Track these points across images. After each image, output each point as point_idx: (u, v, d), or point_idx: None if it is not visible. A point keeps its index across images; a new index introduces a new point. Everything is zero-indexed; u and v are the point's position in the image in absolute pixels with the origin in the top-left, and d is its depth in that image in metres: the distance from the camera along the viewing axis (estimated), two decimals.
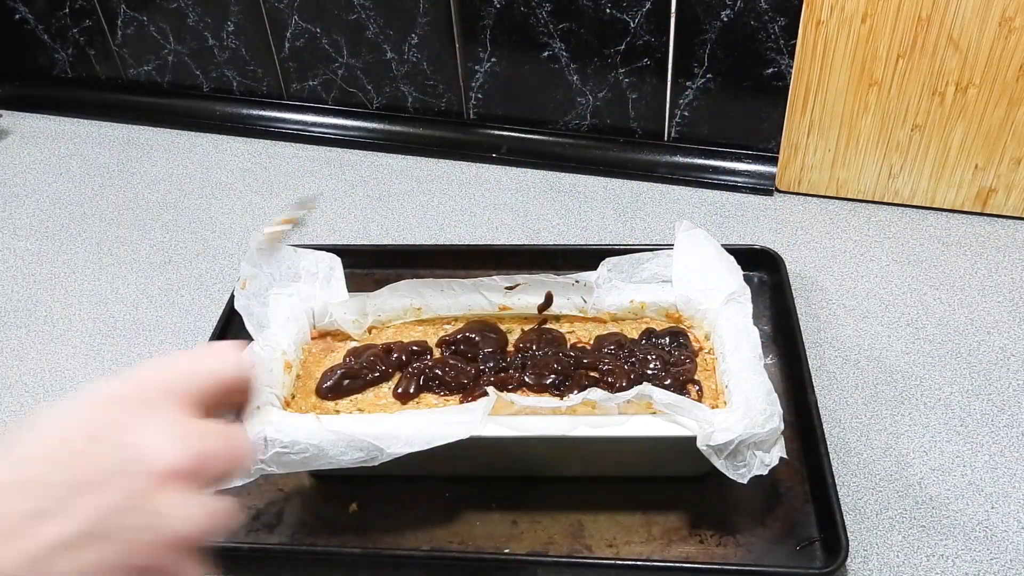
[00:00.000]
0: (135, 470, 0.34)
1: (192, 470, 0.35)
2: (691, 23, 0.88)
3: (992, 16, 0.77)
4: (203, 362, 0.38)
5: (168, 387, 0.37)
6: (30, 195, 1.01)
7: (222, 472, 0.37)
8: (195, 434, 0.36)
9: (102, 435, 0.34)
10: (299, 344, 0.70)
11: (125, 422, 0.35)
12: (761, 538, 0.62)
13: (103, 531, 0.33)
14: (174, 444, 0.35)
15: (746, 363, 0.62)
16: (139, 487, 0.34)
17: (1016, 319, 0.78)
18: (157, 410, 0.36)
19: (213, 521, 0.36)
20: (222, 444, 0.37)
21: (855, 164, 0.89)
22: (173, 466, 0.34)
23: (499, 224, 0.93)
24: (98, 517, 0.33)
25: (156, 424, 0.35)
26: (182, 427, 0.36)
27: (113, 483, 0.33)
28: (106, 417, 0.35)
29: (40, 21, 1.10)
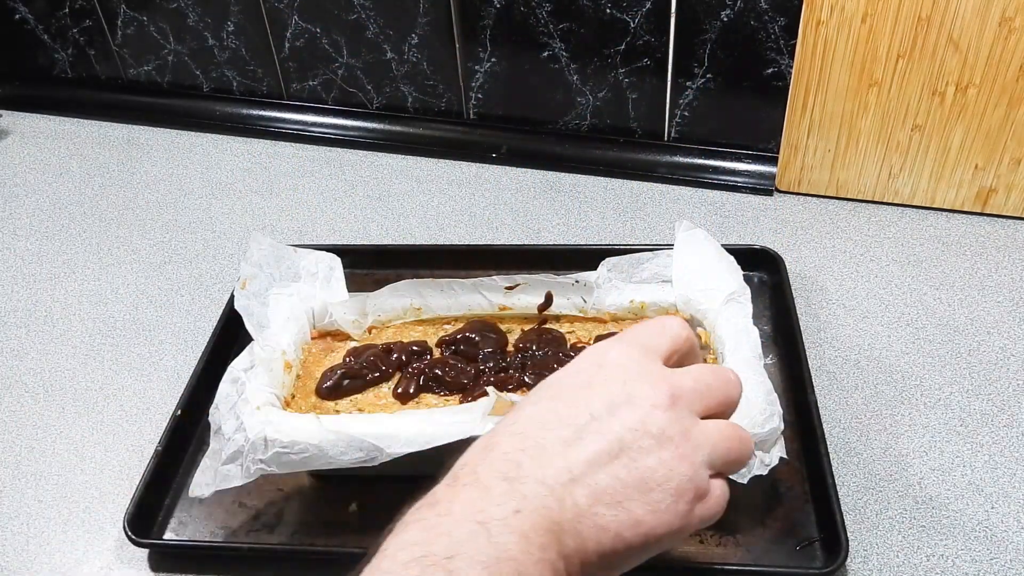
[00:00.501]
0: (635, 400, 0.43)
1: (678, 396, 0.43)
2: (691, 23, 0.88)
3: (992, 16, 0.77)
4: (662, 324, 0.48)
5: (641, 341, 0.46)
6: (30, 195, 1.01)
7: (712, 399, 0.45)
8: (672, 375, 0.45)
9: (602, 375, 0.44)
10: (299, 344, 0.70)
11: (619, 364, 0.44)
12: (761, 538, 0.62)
13: (622, 446, 0.41)
14: (658, 378, 0.44)
15: (746, 363, 0.62)
16: (641, 411, 0.42)
17: (1016, 319, 0.78)
18: (641, 359, 0.45)
19: (719, 437, 0.44)
20: (697, 378, 0.45)
21: (855, 164, 0.89)
22: (661, 395, 0.43)
23: (499, 224, 0.93)
24: (617, 437, 0.41)
25: (643, 368, 0.44)
26: (662, 372, 0.45)
27: (623, 412, 0.42)
28: (602, 361, 0.45)
29: (40, 21, 1.10)
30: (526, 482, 0.39)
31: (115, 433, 0.73)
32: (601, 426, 0.42)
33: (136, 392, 0.76)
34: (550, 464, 0.40)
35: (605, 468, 0.41)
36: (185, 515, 0.65)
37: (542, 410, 0.43)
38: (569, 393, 0.44)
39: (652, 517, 0.41)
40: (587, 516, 0.40)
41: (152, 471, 0.65)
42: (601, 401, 0.43)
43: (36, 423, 0.74)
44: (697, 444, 0.43)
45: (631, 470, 0.41)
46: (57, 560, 0.64)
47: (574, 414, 0.42)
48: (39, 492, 0.69)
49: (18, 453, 0.72)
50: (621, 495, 0.40)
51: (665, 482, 0.41)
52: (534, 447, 0.41)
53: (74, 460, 0.71)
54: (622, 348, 0.46)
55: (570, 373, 0.45)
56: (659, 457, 0.41)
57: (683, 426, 0.43)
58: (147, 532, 0.63)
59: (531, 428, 0.42)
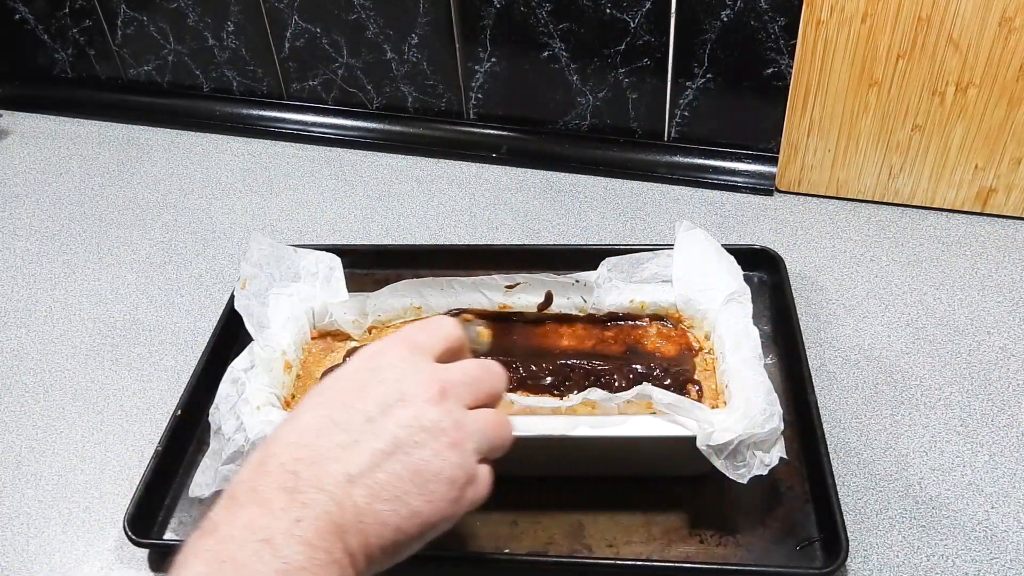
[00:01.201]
0: (407, 397, 0.45)
1: (448, 390, 0.46)
2: (691, 23, 0.88)
3: (992, 16, 0.77)
4: (433, 324, 0.50)
5: (413, 341, 0.48)
6: (30, 195, 1.01)
7: (479, 390, 0.48)
8: (442, 370, 0.47)
9: (375, 376, 0.46)
10: (299, 344, 0.70)
11: (391, 365, 0.46)
12: (761, 538, 0.62)
13: (397, 443, 0.43)
14: (429, 375, 0.46)
15: (746, 363, 0.62)
16: (414, 408, 0.44)
17: (1016, 319, 0.78)
18: (412, 358, 0.47)
19: (485, 424, 0.47)
20: (465, 371, 0.48)
21: (855, 164, 0.89)
22: (432, 391, 0.45)
23: (499, 224, 0.93)
24: (392, 435, 0.43)
25: (414, 366, 0.47)
26: (431, 368, 0.47)
27: (396, 410, 0.44)
28: (375, 363, 0.47)
29: (40, 21, 1.10)
30: (305, 491, 0.41)
31: (115, 433, 0.73)
32: (375, 427, 0.44)
33: (136, 392, 0.76)
34: (327, 469, 0.42)
35: (382, 466, 0.43)
36: (185, 515, 0.65)
37: (317, 417, 0.44)
38: (343, 398, 0.45)
39: (429, 507, 0.44)
40: (368, 514, 0.42)
41: (152, 471, 0.65)
42: (375, 402, 0.44)
43: (36, 423, 0.74)
44: (467, 432, 0.46)
45: (406, 464, 0.43)
46: (57, 560, 0.64)
47: (349, 418, 0.44)
48: (39, 492, 0.69)
49: (18, 453, 0.72)
50: (399, 489, 0.43)
51: (439, 472, 0.44)
52: (311, 456, 0.42)
53: (74, 460, 0.71)
54: (394, 348, 0.48)
55: (343, 377, 0.47)
56: (432, 448, 0.44)
57: (453, 417, 0.46)
58: (147, 532, 0.63)
59: (307, 437, 0.43)
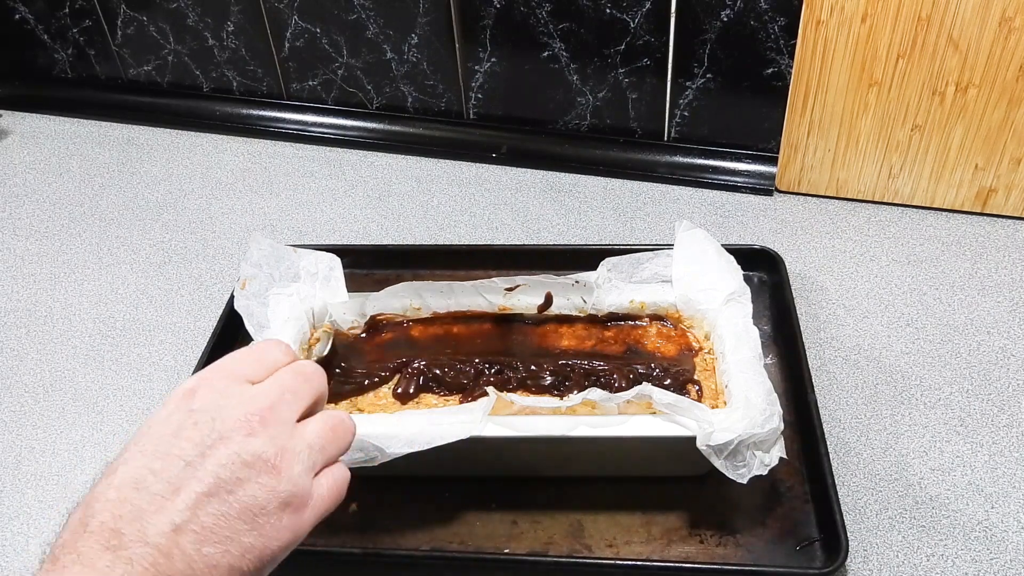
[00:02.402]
0: (226, 434, 0.43)
1: (268, 415, 0.44)
2: (691, 23, 0.88)
3: (992, 16, 0.77)
4: (256, 351, 0.49)
5: (229, 371, 0.47)
6: (30, 195, 1.01)
7: (301, 400, 0.47)
8: (257, 392, 0.46)
9: (191, 418, 0.44)
10: (299, 344, 0.70)
11: (205, 405, 0.44)
12: (761, 538, 0.62)
13: (219, 483, 0.42)
14: (246, 406, 0.45)
15: (746, 363, 0.62)
16: (234, 444, 0.43)
17: (1016, 319, 0.78)
18: (226, 390, 0.45)
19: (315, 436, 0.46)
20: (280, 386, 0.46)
21: (855, 164, 0.89)
22: (251, 421, 0.44)
23: (499, 224, 0.93)
24: (213, 476, 0.42)
25: (229, 399, 0.45)
26: (246, 397, 0.45)
27: (216, 450, 0.43)
28: (189, 404, 0.45)
29: (40, 21, 1.10)
30: (130, 546, 0.39)
31: (115, 433, 0.73)
32: (195, 471, 0.42)
33: (136, 392, 0.76)
34: (151, 522, 0.40)
35: (207, 508, 0.41)
36: None
37: (135, 469, 0.42)
38: (161, 446, 0.43)
39: (262, 540, 0.42)
40: (197, 560, 0.40)
41: None
42: (192, 444, 0.43)
43: (36, 423, 0.74)
44: (294, 455, 0.44)
45: (231, 504, 0.42)
46: None
47: (167, 466, 0.42)
48: (39, 492, 0.69)
49: (18, 453, 0.72)
50: (228, 530, 0.41)
51: (267, 504, 0.42)
52: (131, 511, 0.41)
53: (74, 460, 0.71)
54: (208, 384, 0.46)
55: (159, 422, 0.45)
56: (257, 483, 0.42)
57: (279, 443, 0.44)
58: None
59: (126, 491, 0.42)
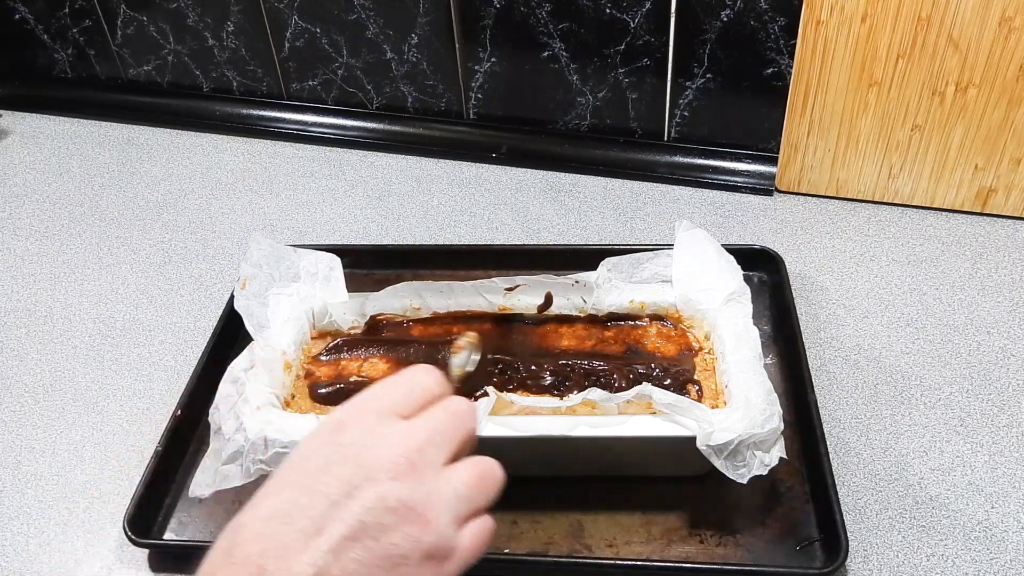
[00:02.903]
0: (373, 475, 0.42)
1: (416, 459, 0.43)
2: (691, 23, 0.88)
3: (992, 16, 0.77)
4: (408, 383, 0.47)
5: (380, 406, 0.45)
6: (30, 195, 1.01)
7: (452, 442, 0.44)
8: (407, 431, 0.44)
9: (339, 454, 0.43)
10: (299, 344, 0.70)
11: (355, 440, 0.43)
12: (761, 538, 0.62)
13: (363, 527, 0.41)
14: (395, 446, 0.43)
15: (746, 363, 0.62)
16: (381, 487, 0.41)
17: (1016, 319, 0.78)
18: (377, 427, 0.44)
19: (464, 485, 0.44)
20: (434, 428, 0.44)
21: (855, 164, 0.89)
22: (399, 464, 0.42)
23: (499, 224, 0.93)
24: (358, 520, 0.41)
25: (380, 438, 0.43)
26: (398, 438, 0.44)
27: (362, 492, 0.41)
28: (339, 439, 0.44)
29: (40, 21, 1.10)
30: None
31: (115, 433, 0.73)
32: (340, 512, 0.41)
33: (136, 392, 0.76)
34: (294, 561, 0.40)
35: (348, 553, 0.40)
36: (185, 515, 0.65)
37: (283, 501, 0.42)
38: (307, 480, 0.43)
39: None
40: None
41: (152, 471, 0.65)
42: (339, 483, 0.42)
43: (36, 423, 0.74)
44: (442, 504, 0.43)
45: (374, 551, 0.41)
46: (57, 560, 0.64)
47: (313, 503, 0.42)
48: (39, 492, 0.69)
49: (18, 453, 0.72)
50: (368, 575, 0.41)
51: (408, 554, 0.41)
52: (276, 547, 0.41)
53: (74, 460, 0.71)
54: (359, 418, 0.45)
55: (308, 455, 0.44)
56: (402, 532, 0.41)
57: (425, 491, 0.43)
58: (147, 532, 0.64)
59: (273, 525, 0.42)
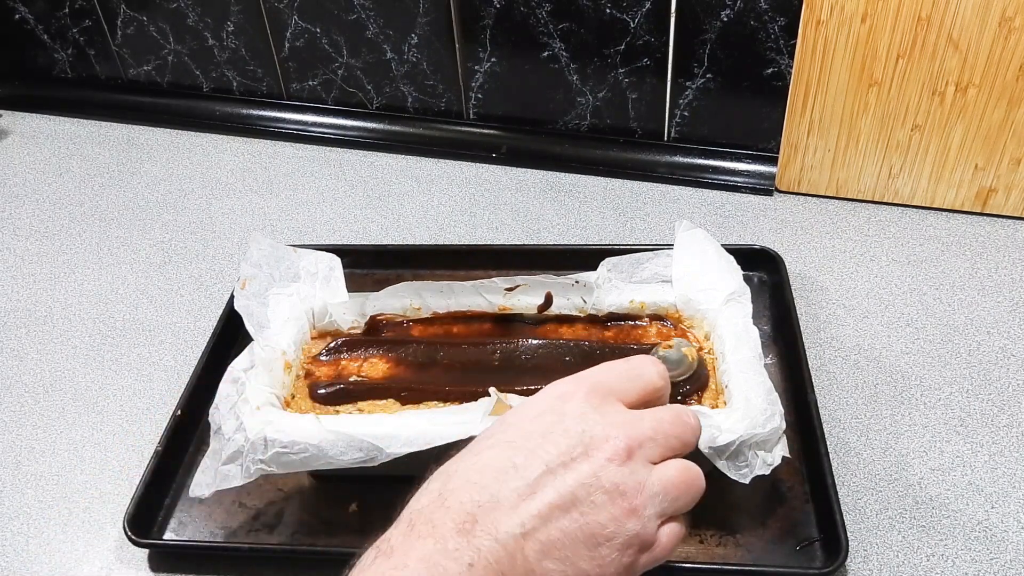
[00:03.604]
0: (591, 452, 0.43)
1: (635, 449, 0.43)
2: (691, 23, 0.88)
3: (992, 16, 0.77)
4: (634, 369, 0.47)
5: (606, 386, 0.46)
6: (30, 195, 1.01)
7: (670, 446, 0.45)
8: (631, 425, 0.44)
9: (561, 424, 0.44)
10: (299, 344, 0.70)
11: (579, 413, 0.44)
12: (761, 538, 0.62)
13: (574, 500, 0.41)
14: (618, 430, 0.44)
15: (746, 363, 0.62)
16: (596, 465, 0.42)
17: (1016, 319, 0.78)
18: (602, 407, 0.45)
19: (672, 485, 0.44)
20: (657, 425, 0.45)
21: (855, 164, 0.89)
22: (618, 448, 0.43)
23: (499, 224, 0.93)
24: (570, 491, 0.41)
25: (604, 417, 0.44)
26: (621, 422, 0.44)
27: (578, 464, 0.42)
28: (563, 408, 0.44)
29: (40, 21, 1.10)
30: (480, 536, 0.40)
31: (115, 433, 0.73)
32: (555, 479, 0.42)
33: (136, 392, 0.76)
34: (504, 518, 0.41)
35: (556, 522, 0.41)
36: (185, 515, 0.65)
37: (498, 457, 0.43)
38: (526, 441, 0.44)
39: (597, 571, 0.42)
40: (536, 570, 0.41)
41: (152, 471, 0.65)
42: (557, 451, 0.43)
43: (36, 423, 0.74)
44: (650, 495, 0.43)
45: (581, 525, 0.41)
46: (57, 560, 0.64)
47: (529, 464, 0.42)
48: (39, 492, 0.69)
49: (18, 453, 0.72)
50: (570, 550, 0.41)
51: (613, 537, 0.42)
52: (489, 500, 0.42)
53: (74, 460, 0.71)
54: (584, 393, 0.45)
55: (529, 417, 0.45)
56: (610, 513, 0.42)
57: (637, 479, 0.43)
58: (147, 532, 0.63)
59: (487, 478, 0.43)
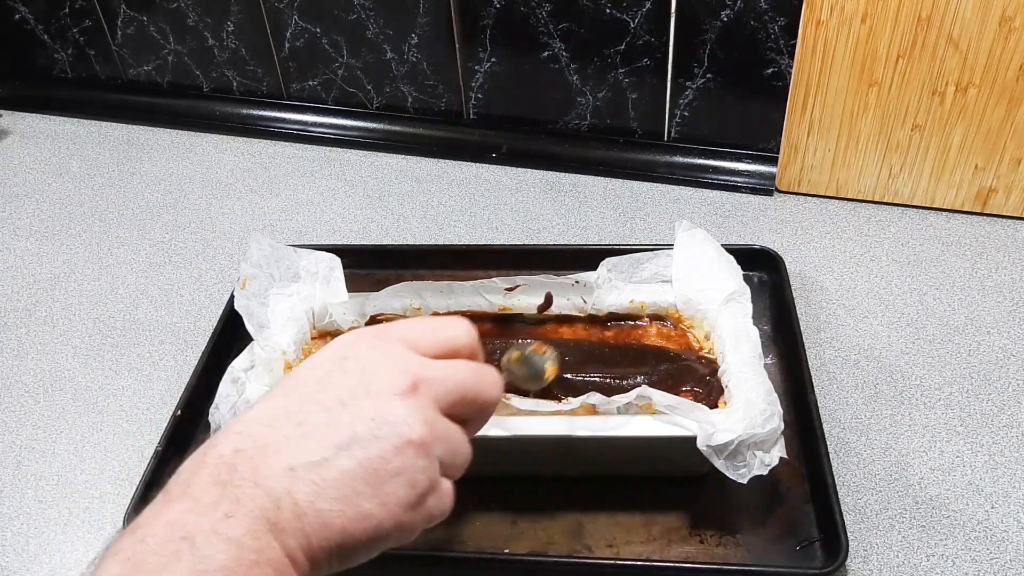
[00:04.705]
0: (373, 389, 0.41)
1: (423, 387, 0.41)
2: (691, 23, 0.88)
3: (992, 16, 0.77)
4: (434, 322, 0.46)
5: (397, 334, 0.44)
6: (30, 195, 1.01)
7: (462, 396, 0.43)
8: (418, 364, 0.42)
9: (340, 367, 0.42)
10: (299, 344, 0.70)
11: (361, 355, 0.42)
12: (761, 538, 0.62)
13: (354, 436, 0.39)
14: (403, 366, 0.42)
15: (746, 363, 0.62)
16: (380, 400, 0.40)
17: (1016, 319, 0.78)
18: (387, 348, 0.43)
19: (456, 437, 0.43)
20: (450, 371, 0.43)
21: (855, 164, 0.89)
22: (403, 383, 0.41)
23: (499, 224, 0.93)
24: (349, 429, 0.39)
25: (387, 358, 0.42)
26: (407, 360, 0.42)
27: (358, 403, 0.40)
28: (344, 353, 0.43)
29: (40, 21, 1.10)
30: (241, 484, 0.37)
31: (115, 433, 0.73)
32: (331, 418, 0.40)
33: (136, 392, 0.76)
34: (268, 463, 0.38)
35: (331, 461, 0.38)
36: None
37: (270, 407, 0.41)
38: (302, 389, 0.41)
39: (382, 511, 0.39)
40: (309, 514, 0.38)
41: (152, 471, 0.65)
42: (336, 392, 0.40)
43: (36, 423, 0.74)
44: (436, 436, 0.41)
45: (361, 461, 0.39)
46: (57, 560, 0.64)
47: (303, 409, 0.40)
48: (39, 492, 0.69)
49: (18, 453, 0.72)
50: (348, 488, 0.38)
51: (398, 472, 0.39)
52: (253, 447, 0.39)
53: (74, 460, 0.71)
54: (370, 339, 0.43)
55: (308, 367, 0.43)
56: (394, 446, 0.39)
57: (423, 416, 0.41)
58: None
59: (254, 427, 0.40)
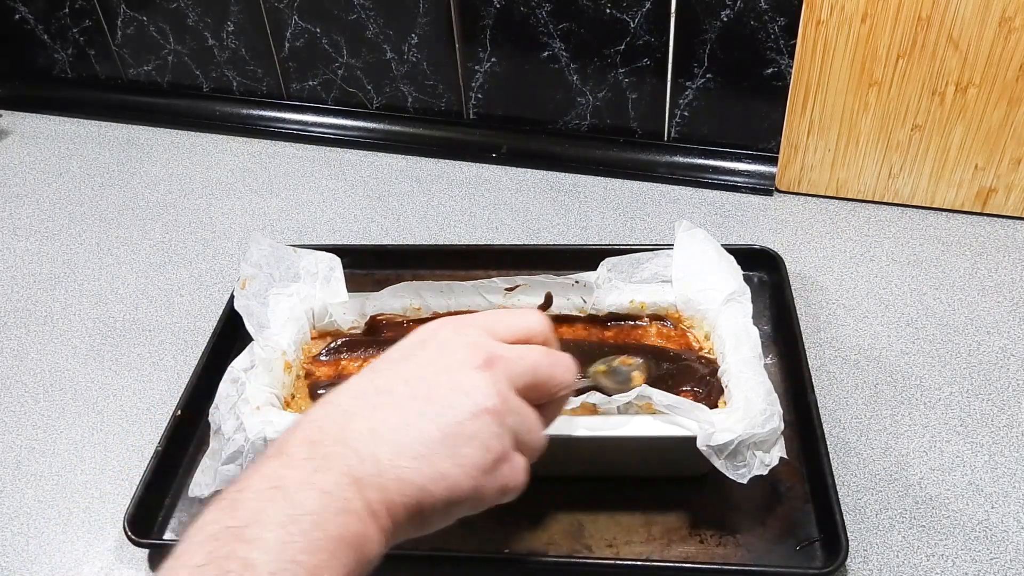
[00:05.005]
0: (451, 364, 0.44)
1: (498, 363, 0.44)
2: (691, 23, 0.88)
3: (992, 16, 0.77)
4: (511, 312, 0.49)
5: (475, 321, 0.47)
6: (30, 195, 1.01)
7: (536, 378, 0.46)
8: (494, 344, 0.46)
9: (423, 347, 0.45)
10: (299, 344, 0.70)
11: (442, 338, 0.46)
12: (761, 538, 0.62)
13: (430, 400, 0.42)
14: (480, 343, 0.45)
15: (746, 363, 0.62)
16: (457, 372, 0.43)
17: (1016, 319, 0.78)
18: (465, 331, 0.46)
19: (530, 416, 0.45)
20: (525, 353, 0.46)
21: (855, 164, 0.89)
22: (478, 357, 0.44)
23: (499, 224, 0.93)
24: (426, 394, 0.42)
25: (465, 337, 0.45)
26: (483, 340, 0.45)
27: (436, 372, 0.44)
28: (426, 337, 0.46)
29: (40, 21, 1.10)
30: (328, 444, 0.41)
31: (115, 433, 0.73)
32: (412, 390, 0.43)
33: (136, 392, 0.76)
34: (352, 426, 0.41)
35: (411, 426, 0.41)
36: (185, 515, 0.65)
37: (359, 383, 0.44)
38: (388, 367, 0.45)
39: (457, 471, 0.42)
40: (389, 470, 0.40)
41: (152, 471, 0.65)
42: (416, 368, 0.44)
43: (36, 423, 0.74)
44: (509, 408, 0.44)
45: (439, 424, 0.42)
46: (57, 560, 0.64)
47: (386, 382, 0.43)
48: (39, 492, 0.69)
49: (18, 453, 0.72)
50: (426, 449, 0.41)
51: (473, 436, 0.42)
52: (341, 413, 0.42)
53: (74, 460, 0.71)
54: (451, 325, 0.47)
55: (395, 349, 0.46)
56: (469, 411, 0.42)
57: (498, 388, 0.43)
58: (147, 532, 0.63)
59: (343, 398, 0.43)
